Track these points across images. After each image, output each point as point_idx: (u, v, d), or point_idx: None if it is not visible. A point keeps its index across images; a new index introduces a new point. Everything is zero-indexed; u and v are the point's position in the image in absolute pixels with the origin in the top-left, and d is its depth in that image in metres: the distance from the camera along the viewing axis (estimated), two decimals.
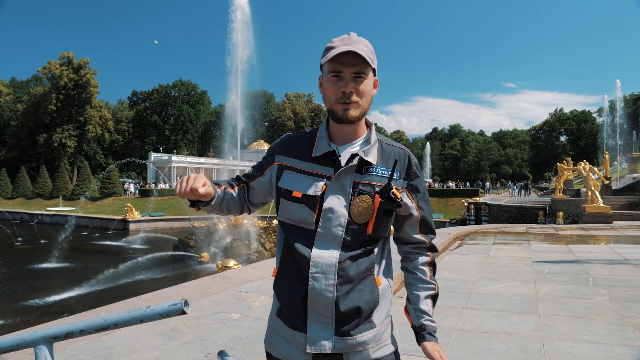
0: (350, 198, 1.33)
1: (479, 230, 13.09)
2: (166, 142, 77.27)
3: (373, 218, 1.32)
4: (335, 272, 1.29)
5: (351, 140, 1.39)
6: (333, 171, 1.34)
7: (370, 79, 1.35)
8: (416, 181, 1.43)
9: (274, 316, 1.44)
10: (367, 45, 1.34)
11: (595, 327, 3.94)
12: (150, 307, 0.93)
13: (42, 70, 60.31)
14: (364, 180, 1.34)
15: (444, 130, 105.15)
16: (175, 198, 38.09)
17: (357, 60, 1.29)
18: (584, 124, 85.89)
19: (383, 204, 1.31)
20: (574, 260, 7.50)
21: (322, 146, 1.38)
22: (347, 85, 1.30)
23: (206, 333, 3.71)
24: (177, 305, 0.91)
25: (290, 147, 1.44)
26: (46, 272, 16.51)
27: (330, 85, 1.33)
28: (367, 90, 1.34)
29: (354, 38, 1.34)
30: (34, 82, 75.23)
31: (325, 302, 1.29)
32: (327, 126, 1.43)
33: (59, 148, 60.43)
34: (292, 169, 1.39)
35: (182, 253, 18.26)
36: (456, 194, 38.43)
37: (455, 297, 5.09)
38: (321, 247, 1.32)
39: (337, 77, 1.32)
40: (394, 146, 1.43)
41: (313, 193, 1.34)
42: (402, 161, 1.41)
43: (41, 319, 9.64)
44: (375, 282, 1.37)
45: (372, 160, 1.36)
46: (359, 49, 1.29)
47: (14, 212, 39.64)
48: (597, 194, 15.58)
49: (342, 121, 1.34)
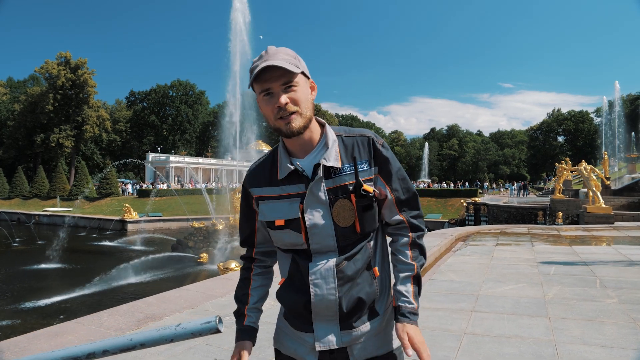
0: (330, 206, 1.32)
1: (480, 231, 13.02)
2: (164, 143, 77.06)
3: (357, 217, 1.32)
4: (335, 275, 1.31)
5: (310, 150, 1.37)
6: (304, 186, 1.34)
7: (302, 84, 1.31)
8: (385, 163, 1.39)
9: (282, 317, 1.48)
10: (288, 53, 1.31)
11: (607, 330, 3.87)
12: (181, 325, 0.85)
13: (39, 70, 59.93)
14: (335, 184, 1.33)
15: (442, 130, 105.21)
16: (173, 198, 37.95)
17: (280, 71, 1.26)
18: (581, 124, 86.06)
19: (359, 202, 1.31)
20: (579, 261, 7.43)
21: (283, 167, 1.37)
22: (280, 98, 1.27)
23: (212, 337, 3.62)
24: (211, 324, 0.83)
25: (256, 177, 1.43)
26: (44, 273, 16.38)
27: (264, 105, 1.31)
28: (302, 97, 1.30)
29: (271, 51, 1.30)
30: (31, 82, 74.89)
31: (329, 305, 1.32)
32: (283, 144, 1.40)
33: (56, 148, 60.10)
34: (266, 197, 1.40)
35: (181, 254, 18.14)
36: (455, 194, 38.42)
37: (462, 299, 5.01)
38: (319, 259, 1.34)
39: (268, 95, 1.29)
40: (354, 136, 1.39)
41: (294, 216, 1.34)
42: (366, 147, 1.37)
43: (39, 321, 9.53)
44: (373, 273, 1.38)
45: (336, 162, 1.34)
46: (277, 60, 1.26)
47: (11, 212, 39.41)
48: (599, 195, 15.54)
49: (289, 135, 1.31)
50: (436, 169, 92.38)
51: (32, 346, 3.35)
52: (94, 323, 3.86)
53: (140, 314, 4.14)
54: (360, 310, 1.34)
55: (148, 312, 4.21)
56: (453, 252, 8.77)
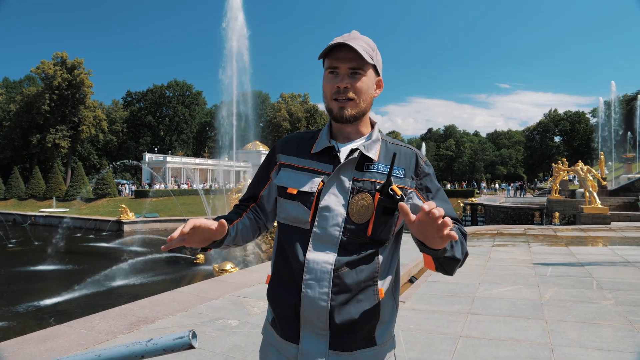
0: (349, 196, 1.25)
1: (477, 231, 13.01)
2: (161, 143, 76.85)
3: (373, 217, 1.23)
4: (330, 280, 1.20)
5: (353, 139, 1.34)
6: (332, 168, 1.28)
7: (369, 77, 1.28)
8: (426, 179, 1.34)
9: (268, 326, 1.36)
10: (368, 43, 1.28)
11: (604, 333, 3.84)
12: (153, 340, 0.80)
13: (35, 70, 59.67)
14: (364, 178, 1.27)
15: (439, 130, 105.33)
16: (170, 199, 37.87)
17: (353, 55, 1.23)
18: (577, 124, 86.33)
19: (382, 201, 1.22)
20: (576, 262, 7.42)
21: (321, 142, 1.33)
22: (342, 80, 1.24)
23: (204, 341, 3.58)
24: (184, 339, 0.78)
25: (290, 145, 1.39)
26: (39, 275, 16.30)
27: (326, 82, 1.28)
28: (364, 88, 1.27)
29: (354, 35, 1.28)
30: (27, 82, 74.45)
31: (319, 312, 1.20)
32: (329, 125, 1.37)
33: (52, 149, 59.83)
34: (290, 166, 1.34)
35: (178, 254, 18.07)
36: (452, 195, 38.48)
37: (458, 301, 4.98)
38: (317, 249, 1.23)
39: (333, 74, 1.26)
40: (399, 145, 1.36)
41: (309, 189, 1.27)
42: (408, 159, 1.33)
43: (34, 323, 9.46)
44: (378, 293, 1.25)
45: (374, 156, 1.29)
46: (355, 44, 1.23)
47: (6, 213, 39.15)
48: (595, 195, 15.56)
49: (338, 120, 1.28)
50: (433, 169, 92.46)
51: (21, 350, 3.29)
52: (85, 327, 3.80)
53: (132, 317, 4.08)
54: (356, 330, 1.21)
55: (140, 316, 4.15)
56: None
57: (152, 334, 3.74)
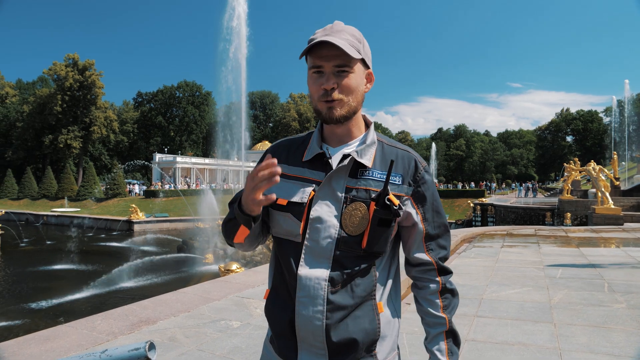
0: (342, 206, 1.16)
1: (486, 232, 12.85)
2: (171, 143, 77.39)
3: (368, 229, 1.14)
4: (325, 297, 1.13)
5: (346, 142, 1.24)
6: (324, 175, 1.19)
7: (358, 72, 1.17)
8: (423, 187, 1.23)
9: (267, 342, 1.29)
10: (353, 34, 1.16)
11: (615, 337, 3.73)
12: (107, 351, 0.75)
13: (47, 71, 60.53)
14: (358, 185, 1.17)
15: (449, 130, 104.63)
16: (180, 199, 38.03)
17: (337, 51, 1.11)
18: (590, 124, 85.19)
19: (378, 212, 1.13)
20: (587, 264, 7.27)
21: (312, 149, 1.24)
22: (329, 81, 1.14)
23: (205, 343, 3.54)
24: (140, 351, 0.73)
25: (280, 152, 1.29)
26: (51, 274, 16.48)
27: (312, 83, 1.17)
28: (353, 86, 1.16)
29: (336, 27, 1.16)
30: (39, 83, 75.58)
31: (315, 332, 1.13)
32: (320, 128, 1.27)
33: (64, 149, 60.63)
34: (281, 175, 1.20)
35: (187, 254, 18.15)
36: (462, 195, 38.18)
37: (465, 303, 4.88)
38: (309, 264, 1.15)
39: (318, 73, 1.16)
40: (397, 148, 1.25)
41: (299, 200, 1.18)
42: (406, 164, 1.22)
43: (42, 322, 9.54)
44: (377, 308, 1.18)
45: (368, 162, 1.19)
46: (338, 39, 1.11)
47: (19, 213, 39.70)
48: (607, 195, 15.29)
49: (328, 121, 1.18)
50: (443, 169, 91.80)
51: (22, 351, 3.28)
52: (86, 327, 3.79)
53: (134, 318, 4.06)
54: (356, 350, 1.15)
55: (142, 316, 4.13)
56: (457, 254, 8.63)
57: (153, 335, 3.71)
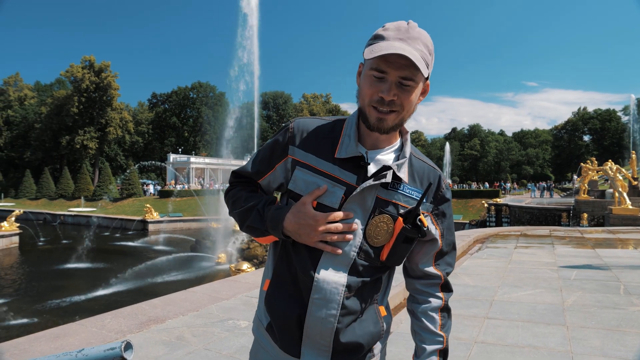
0: (369, 215, 1.13)
1: (500, 232, 12.69)
2: (185, 144, 78.14)
3: (390, 243, 1.14)
4: (340, 302, 1.12)
5: (381, 147, 1.18)
6: (356, 179, 1.13)
7: (419, 86, 1.11)
8: (444, 205, 1.24)
9: (263, 330, 1.24)
10: (426, 44, 1.08)
11: (629, 341, 3.64)
12: (83, 351, 0.75)
13: (64, 73, 61.67)
14: (388, 198, 1.14)
15: (463, 130, 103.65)
16: (193, 199, 38.39)
17: (407, 62, 1.04)
18: (608, 123, 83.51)
19: (406, 231, 1.11)
20: (603, 265, 7.11)
21: (349, 147, 1.14)
22: (389, 91, 1.06)
23: (212, 342, 3.55)
24: (115, 350, 0.72)
25: (309, 140, 1.18)
26: (67, 273, 16.75)
27: (368, 85, 1.09)
28: (413, 100, 1.11)
29: (412, 32, 1.07)
30: (57, 85, 76.94)
31: (324, 333, 1.13)
32: (357, 122, 1.18)
33: (81, 150, 61.70)
34: (307, 167, 1.16)
35: (200, 254, 18.30)
36: (476, 195, 37.77)
37: (475, 305, 4.82)
38: (328, 268, 1.13)
39: (379, 78, 1.07)
40: (424, 162, 1.23)
41: (329, 204, 1.12)
42: (432, 181, 1.21)
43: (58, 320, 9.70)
44: (379, 311, 1.21)
45: (404, 177, 1.17)
46: (412, 49, 1.04)
47: (37, 212, 40.52)
48: (625, 196, 14.98)
49: (373, 129, 1.12)
50: (457, 169, 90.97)
51: (32, 348, 3.33)
52: (96, 325, 3.83)
53: (143, 317, 4.10)
54: (359, 349, 1.18)
55: (151, 315, 4.16)
56: (470, 254, 8.54)
57: (161, 333, 3.74)
